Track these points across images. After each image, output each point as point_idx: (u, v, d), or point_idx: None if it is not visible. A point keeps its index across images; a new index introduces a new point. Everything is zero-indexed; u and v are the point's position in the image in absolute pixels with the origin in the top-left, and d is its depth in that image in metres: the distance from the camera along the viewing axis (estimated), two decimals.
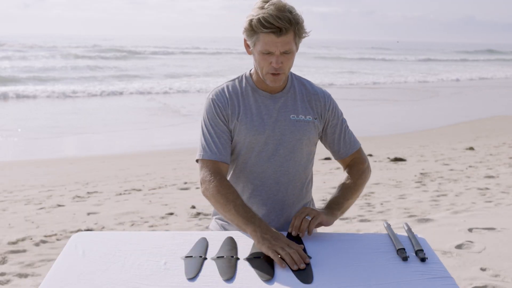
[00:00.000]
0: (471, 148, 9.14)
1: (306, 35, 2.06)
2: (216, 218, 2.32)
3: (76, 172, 7.48)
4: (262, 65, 2.05)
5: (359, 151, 2.30)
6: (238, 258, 1.81)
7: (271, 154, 2.15)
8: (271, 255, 1.77)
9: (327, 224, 2.03)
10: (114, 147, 9.60)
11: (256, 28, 1.97)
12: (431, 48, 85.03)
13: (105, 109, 14.78)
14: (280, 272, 1.72)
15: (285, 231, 2.14)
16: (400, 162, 8.01)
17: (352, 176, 2.24)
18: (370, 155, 8.54)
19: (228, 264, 1.76)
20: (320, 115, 2.20)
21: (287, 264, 1.73)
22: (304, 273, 1.70)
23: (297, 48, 2.08)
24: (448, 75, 29.36)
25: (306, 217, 1.97)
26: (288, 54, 2.02)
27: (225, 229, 2.25)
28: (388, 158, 8.32)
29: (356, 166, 2.27)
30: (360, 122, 12.04)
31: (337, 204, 2.13)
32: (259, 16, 1.95)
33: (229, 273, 1.70)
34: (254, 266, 1.76)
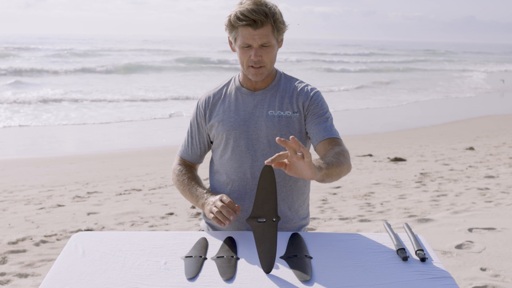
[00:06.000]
0: (471, 148, 9.14)
1: (285, 28, 2.11)
2: (203, 217, 2.34)
3: (76, 172, 7.48)
4: (243, 59, 2.11)
5: (340, 141, 2.09)
6: (238, 258, 1.82)
7: (246, 148, 2.17)
8: (210, 217, 1.98)
9: (308, 174, 1.71)
10: (114, 146, 9.60)
11: (234, 22, 2.05)
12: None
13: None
14: (280, 271, 1.72)
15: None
16: (400, 162, 8.01)
17: (333, 154, 1.97)
18: (370, 155, 8.54)
19: (228, 264, 1.76)
20: (302, 108, 2.16)
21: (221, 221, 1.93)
22: (303, 270, 1.71)
23: (278, 42, 2.13)
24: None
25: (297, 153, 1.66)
26: (267, 47, 2.07)
27: (214, 228, 2.26)
28: (388, 158, 8.32)
29: (337, 147, 2.04)
30: (360, 122, 12.06)
31: (326, 163, 1.87)
32: (236, 11, 2.04)
33: (229, 273, 1.70)
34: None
